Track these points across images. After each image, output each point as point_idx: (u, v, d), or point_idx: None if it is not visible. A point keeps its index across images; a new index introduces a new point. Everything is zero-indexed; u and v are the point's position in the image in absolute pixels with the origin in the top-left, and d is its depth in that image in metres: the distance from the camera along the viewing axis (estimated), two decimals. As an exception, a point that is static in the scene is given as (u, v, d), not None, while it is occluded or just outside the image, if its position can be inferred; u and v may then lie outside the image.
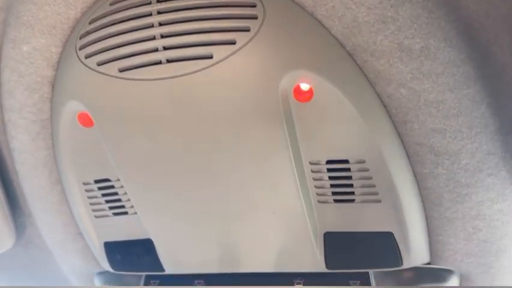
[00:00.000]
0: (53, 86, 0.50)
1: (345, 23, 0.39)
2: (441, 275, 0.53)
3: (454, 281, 0.53)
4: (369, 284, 0.53)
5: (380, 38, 0.39)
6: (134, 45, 0.42)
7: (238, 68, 0.41)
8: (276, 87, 0.41)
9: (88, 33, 0.44)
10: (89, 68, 0.44)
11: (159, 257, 0.58)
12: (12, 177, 0.63)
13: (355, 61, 0.41)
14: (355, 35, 0.40)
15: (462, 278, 0.54)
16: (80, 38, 0.45)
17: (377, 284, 0.54)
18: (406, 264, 0.51)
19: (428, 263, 0.53)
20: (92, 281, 0.69)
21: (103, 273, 0.66)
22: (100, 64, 0.44)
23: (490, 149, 0.43)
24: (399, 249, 0.49)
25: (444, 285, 0.53)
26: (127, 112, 0.45)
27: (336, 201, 0.48)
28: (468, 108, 0.41)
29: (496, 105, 0.42)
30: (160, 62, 0.42)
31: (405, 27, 0.38)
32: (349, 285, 0.54)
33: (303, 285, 0.55)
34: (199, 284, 0.59)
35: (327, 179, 0.47)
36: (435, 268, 0.53)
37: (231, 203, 0.50)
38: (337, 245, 0.51)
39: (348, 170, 0.46)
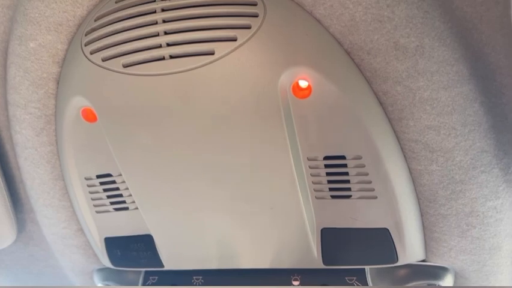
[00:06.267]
0: (57, 82, 0.51)
1: (343, 21, 0.41)
2: (436, 272, 0.54)
3: (448, 278, 0.54)
4: (365, 280, 0.54)
5: (377, 36, 0.41)
6: (138, 41, 0.43)
7: (239, 64, 0.42)
8: (275, 83, 0.42)
9: (94, 30, 0.46)
10: (94, 63, 0.45)
11: (159, 253, 0.59)
12: (15, 173, 0.64)
13: (352, 59, 0.42)
14: (352, 34, 0.41)
15: (457, 275, 0.54)
16: (86, 35, 0.46)
17: (372, 281, 0.54)
18: (402, 261, 0.52)
19: (423, 260, 0.53)
20: (92, 278, 0.69)
21: (102, 270, 0.67)
22: (104, 60, 0.45)
23: (483, 146, 0.45)
24: (394, 246, 0.50)
25: (439, 282, 0.54)
26: (130, 107, 0.46)
27: (333, 197, 0.49)
28: (461, 106, 0.43)
29: (488, 103, 0.43)
30: (163, 58, 0.43)
31: (401, 26, 0.40)
32: (345, 282, 0.55)
33: (300, 281, 0.56)
34: (197, 280, 0.60)
35: (325, 175, 0.48)
36: (430, 265, 0.54)
37: (230, 199, 0.51)
38: (334, 241, 0.52)
39: (345, 166, 0.47)
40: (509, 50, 0.41)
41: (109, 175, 0.55)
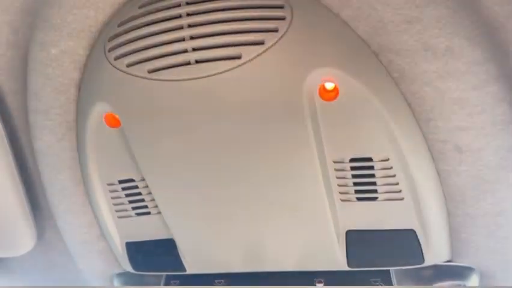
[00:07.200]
0: (79, 88, 0.51)
1: (370, 23, 0.40)
2: (462, 272, 0.53)
3: (474, 278, 0.53)
4: (390, 281, 0.54)
5: (406, 37, 0.40)
6: (163, 46, 0.43)
7: (266, 68, 0.41)
8: (301, 86, 0.42)
9: (117, 35, 0.45)
10: (119, 69, 0.45)
11: (181, 257, 0.58)
12: (34, 179, 0.64)
13: (380, 60, 0.42)
14: (380, 35, 0.41)
15: (482, 275, 0.54)
16: (109, 41, 0.46)
17: (398, 282, 0.54)
18: (428, 262, 0.51)
19: (449, 261, 0.53)
20: (112, 282, 0.69)
21: (122, 274, 0.67)
22: (129, 65, 0.45)
23: None
24: (421, 247, 0.50)
25: (464, 283, 0.53)
26: (155, 112, 0.46)
27: (359, 199, 0.49)
28: (491, 105, 0.42)
29: None
30: (189, 63, 0.43)
31: (430, 27, 0.39)
32: (370, 283, 0.54)
33: (324, 283, 0.56)
34: (219, 283, 0.60)
35: (351, 177, 0.48)
36: (456, 266, 0.53)
37: (255, 202, 0.50)
38: (359, 243, 0.52)
39: (372, 168, 0.47)
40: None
41: (132, 180, 0.54)
